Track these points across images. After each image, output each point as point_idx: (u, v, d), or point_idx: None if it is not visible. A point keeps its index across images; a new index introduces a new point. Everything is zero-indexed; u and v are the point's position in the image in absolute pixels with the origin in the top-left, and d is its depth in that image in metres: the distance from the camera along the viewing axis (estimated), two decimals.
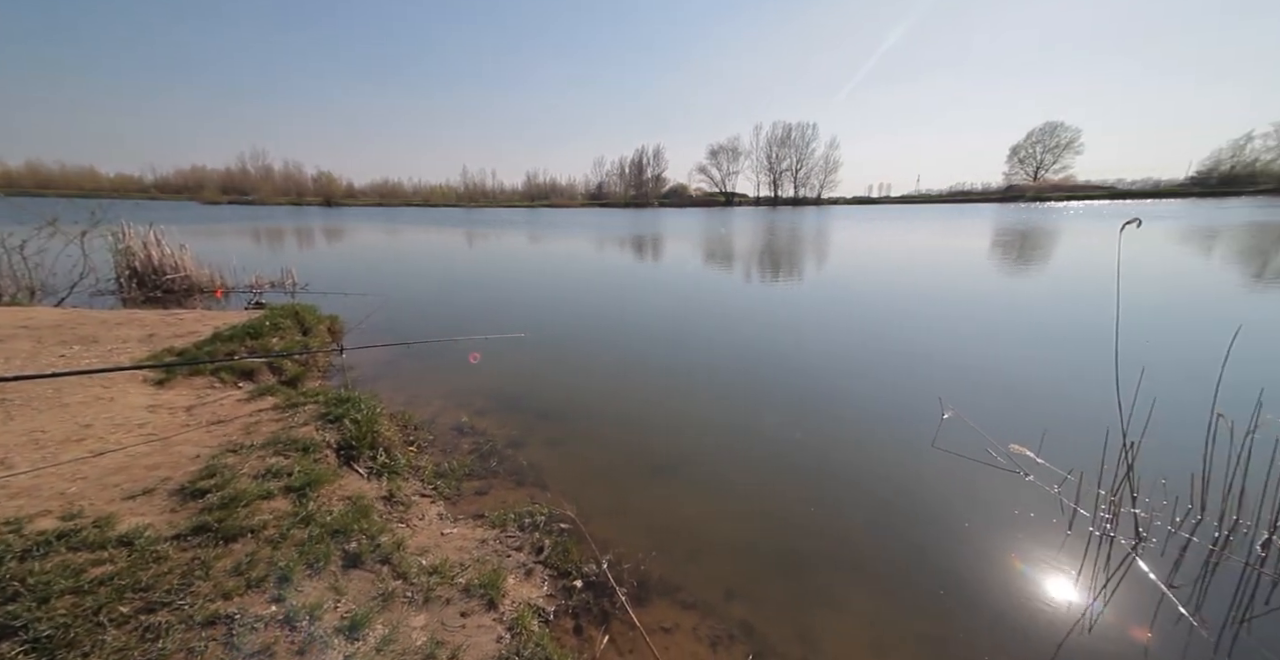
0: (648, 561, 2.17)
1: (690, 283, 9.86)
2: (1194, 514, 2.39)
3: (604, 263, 13.25)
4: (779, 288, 9.10)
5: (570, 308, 7.48)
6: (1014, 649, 1.76)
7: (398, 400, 3.88)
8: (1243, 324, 2.89)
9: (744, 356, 5.04)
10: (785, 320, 6.63)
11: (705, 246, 17.35)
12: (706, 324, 6.46)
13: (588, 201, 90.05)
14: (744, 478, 2.89)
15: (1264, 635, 1.78)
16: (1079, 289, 8.27)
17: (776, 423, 3.57)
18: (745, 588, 2.06)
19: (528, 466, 2.95)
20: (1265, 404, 2.37)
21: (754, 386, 4.25)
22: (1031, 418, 3.48)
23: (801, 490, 2.75)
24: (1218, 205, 41.94)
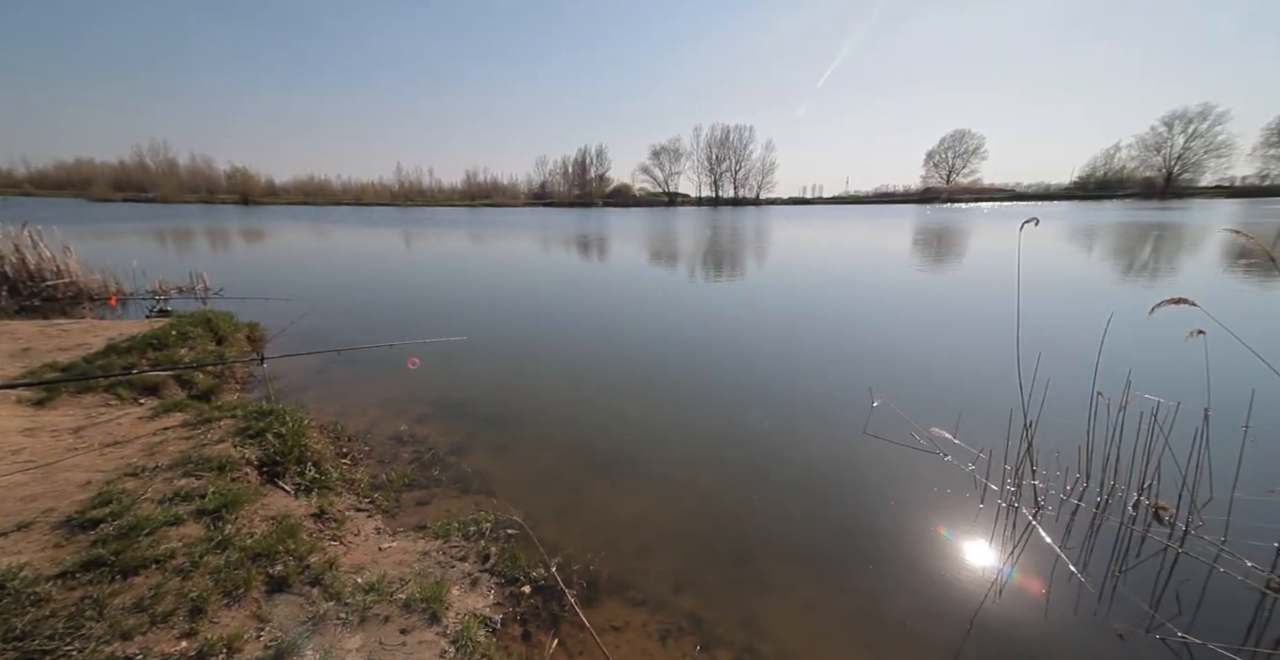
0: (597, 561, 2.17)
1: (633, 282, 9.90)
2: (1081, 482, 2.66)
3: (548, 263, 13.06)
4: (720, 286, 9.33)
5: (514, 309, 7.32)
6: (936, 617, 1.90)
7: (329, 411, 3.65)
8: (1114, 312, 3.26)
9: (687, 354, 5.13)
10: (726, 317, 6.81)
11: (650, 246, 17.48)
12: (650, 323, 6.51)
13: (531, 201, 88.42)
14: (690, 472, 2.94)
15: (1135, 583, 2.02)
16: (986, 282, 9.03)
17: (720, 417, 3.66)
18: (693, 580, 2.09)
19: (472, 473, 2.86)
20: (1133, 382, 2.69)
21: (697, 382, 4.34)
22: (950, 402, 3.75)
23: (745, 480, 2.84)
24: (1095, 207, 47.14)
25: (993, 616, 1.88)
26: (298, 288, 8.70)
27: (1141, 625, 1.81)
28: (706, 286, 9.30)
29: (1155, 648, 1.72)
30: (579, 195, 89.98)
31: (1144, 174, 69.70)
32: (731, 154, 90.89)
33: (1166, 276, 9.29)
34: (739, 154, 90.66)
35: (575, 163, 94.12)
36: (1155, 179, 68.20)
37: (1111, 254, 12.78)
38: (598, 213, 52.77)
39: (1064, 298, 7.37)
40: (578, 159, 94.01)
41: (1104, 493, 2.57)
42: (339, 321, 6.42)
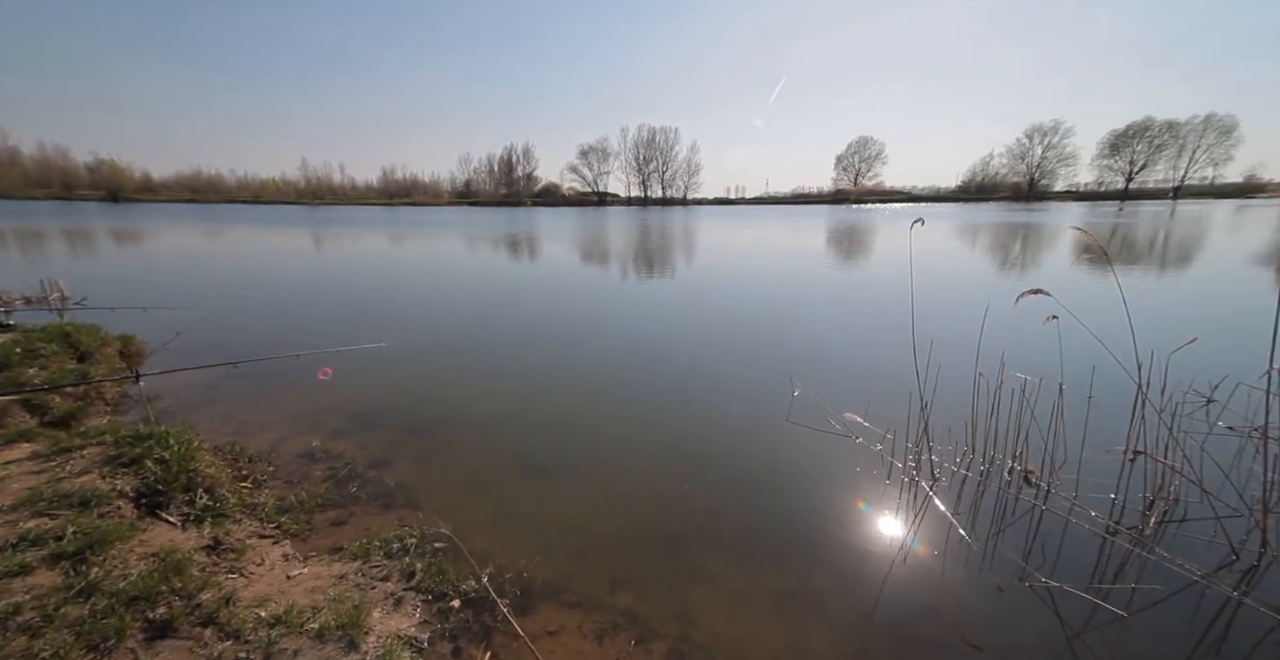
0: (531, 568, 2.12)
1: (563, 282, 9.79)
2: (968, 454, 2.97)
3: (475, 264, 12.59)
4: (649, 284, 9.44)
5: (439, 313, 6.98)
6: (850, 588, 2.04)
7: (225, 430, 3.29)
8: (990, 302, 3.67)
9: (617, 353, 5.15)
10: (655, 315, 6.90)
11: (579, 245, 17.35)
12: (579, 323, 6.47)
13: (455, 200, 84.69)
14: (623, 469, 2.95)
15: (1011, 540, 2.28)
16: (887, 276, 9.83)
17: (651, 413, 3.70)
18: (628, 576, 2.10)
19: (395, 487, 2.69)
20: (1006, 363, 3.04)
21: (628, 381, 4.37)
22: (860, 388, 4.04)
23: (677, 474, 2.89)
24: (975, 208, 52.80)
25: (898, 582, 2.05)
26: (184, 295, 7.77)
27: (1016, 576, 2.05)
28: (636, 285, 9.38)
29: (1026, 595, 1.96)
30: (506, 194, 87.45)
31: (1012, 179, 79.12)
32: (658, 155, 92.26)
33: (1031, 269, 10.60)
34: (665, 155, 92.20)
35: (502, 161, 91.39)
36: (1021, 184, 77.71)
37: (989, 250, 14.38)
38: (526, 212, 51.61)
39: (951, 290, 8.19)
40: (504, 157, 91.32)
41: (986, 462, 2.88)
42: (235, 332, 5.80)
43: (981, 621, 1.84)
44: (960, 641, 1.76)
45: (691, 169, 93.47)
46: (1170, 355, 2.63)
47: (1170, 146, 68.35)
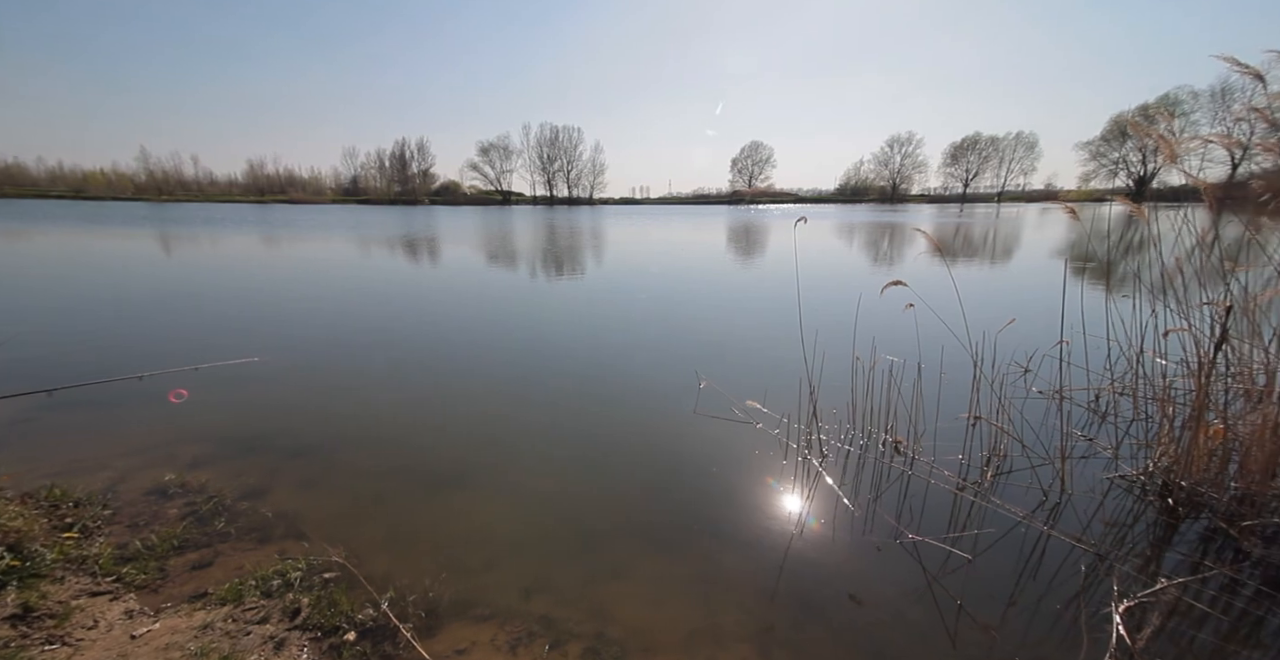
0: (438, 585, 1.99)
1: (463, 284, 9.32)
2: (851, 431, 3.28)
3: (365, 267, 11.55)
4: (556, 284, 9.30)
5: (324, 320, 6.31)
6: (755, 565, 2.16)
7: (41, 472, 2.72)
8: (862, 292, 4.09)
9: (523, 354, 5.01)
10: (563, 315, 6.81)
11: (481, 245, 16.61)
12: (481, 326, 6.20)
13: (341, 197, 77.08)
14: (534, 472, 2.88)
15: (887, 504, 2.56)
16: (779, 270, 10.58)
17: (560, 414, 3.65)
18: (543, 581, 2.05)
19: (275, 517, 2.39)
20: (877, 347, 3.41)
21: (535, 383, 4.26)
22: (759, 377, 4.29)
23: (589, 473, 2.88)
24: (851, 209, 58.59)
25: (797, 554, 2.21)
26: None
27: (891, 536, 2.30)
28: (543, 285, 9.19)
29: (898, 551, 2.21)
30: (401, 192, 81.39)
31: (879, 184, 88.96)
32: (562, 154, 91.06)
33: (895, 263, 11.98)
34: (569, 154, 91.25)
35: (394, 157, 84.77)
36: (886, 187, 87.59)
37: (862, 247, 16.03)
38: (424, 211, 48.38)
39: (832, 283, 9.01)
40: (396, 152, 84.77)
41: (865, 437, 3.19)
42: (51, 353, 4.81)
43: (863, 579, 2.05)
44: (846, 599, 1.94)
45: (596, 169, 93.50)
46: (996, 334, 3.11)
47: (994, 157, 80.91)
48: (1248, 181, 3.09)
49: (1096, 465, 2.74)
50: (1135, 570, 1.98)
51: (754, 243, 18.05)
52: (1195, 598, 1.85)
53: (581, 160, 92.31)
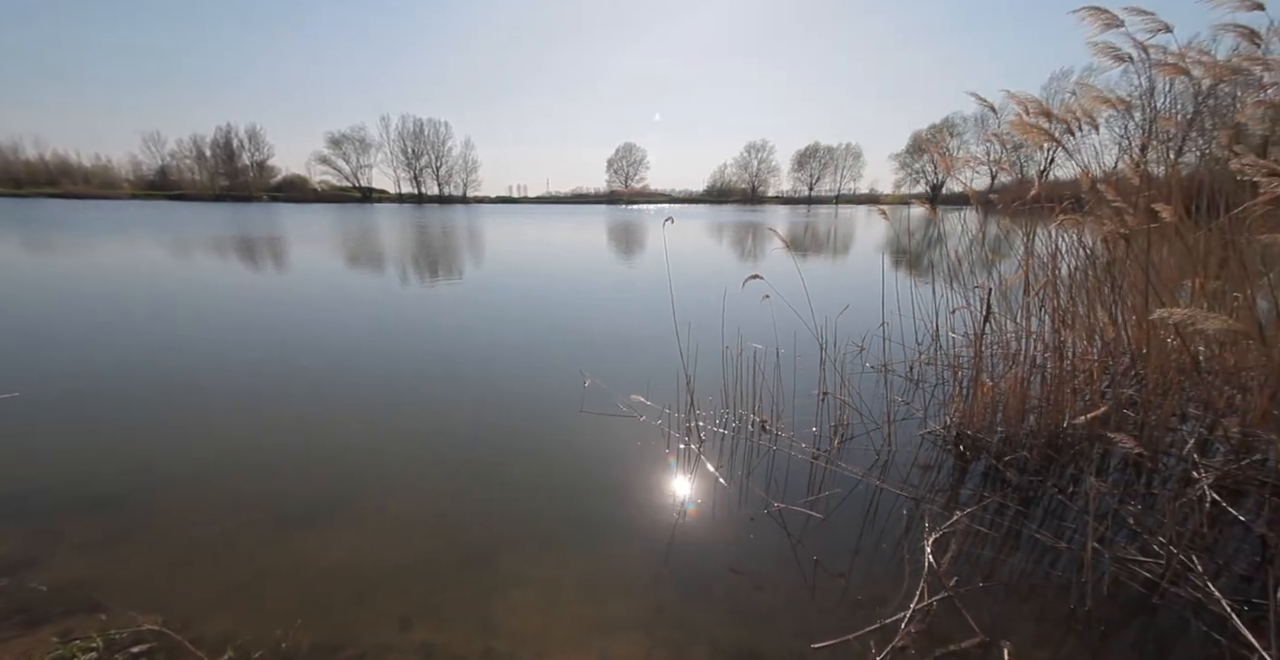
0: (294, 632, 1.74)
1: (317, 291, 8.25)
2: (724, 415, 3.52)
3: (180, 275, 9.64)
4: (426, 288, 8.64)
5: (123, 342, 5.15)
6: (642, 556, 2.22)
7: None
8: (727, 286, 4.41)
9: (393, 367, 4.58)
10: (439, 321, 6.36)
11: (339, 247, 14.80)
12: (345, 338, 5.55)
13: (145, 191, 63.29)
14: (410, 491, 2.64)
15: (757, 479, 2.80)
16: (654, 267, 10.99)
17: (439, 427, 3.40)
18: (423, 607, 1.90)
19: (52, 592, 1.89)
20: (743, 336, 3.70)
21: (407, 396, 3.93)
22: (641, 371, 4.40)
23: (472, 483, 2.72)
24: (718, 209, 62.96)
25: (681, 536, 2.32)
26: None
27: (762, 508, 2.52)
28: (414, 290, 8.48)
29: (767, 519, 2.42)
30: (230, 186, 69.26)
31: (741, 186, 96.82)
32: (430, 149, 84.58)
33: (757, 259, 13.14)
34: (438, 150, 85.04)
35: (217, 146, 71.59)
36: (746, 189, 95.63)
37: (728, 244, 17.31)
38: (263, 209, 41.71)
39: (702, 278, 9.59)
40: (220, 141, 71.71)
41: (737, 419, 3.45)
42: None
43: (740, 550, 2.22)
44: (726, 571, 2.09)
45: (469, 166, 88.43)
46: (835, 319, 3.55)
47: (831, 165, 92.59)
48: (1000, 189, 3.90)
49: (913, 425, 3.27)
50: (940, 508, 2.41)
51: (632, 241, 18.51)
52: (979, 522, 2.31)
53: (452, 157, 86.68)
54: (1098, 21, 2.61)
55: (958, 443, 2.94)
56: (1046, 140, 2.85)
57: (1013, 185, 3.74)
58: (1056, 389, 2.70)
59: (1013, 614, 1.82)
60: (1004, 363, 3.02)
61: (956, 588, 1.88)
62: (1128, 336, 2.90)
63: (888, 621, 1.73)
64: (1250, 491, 2.22)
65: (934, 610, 1.78)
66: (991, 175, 3.93)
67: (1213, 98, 3.60)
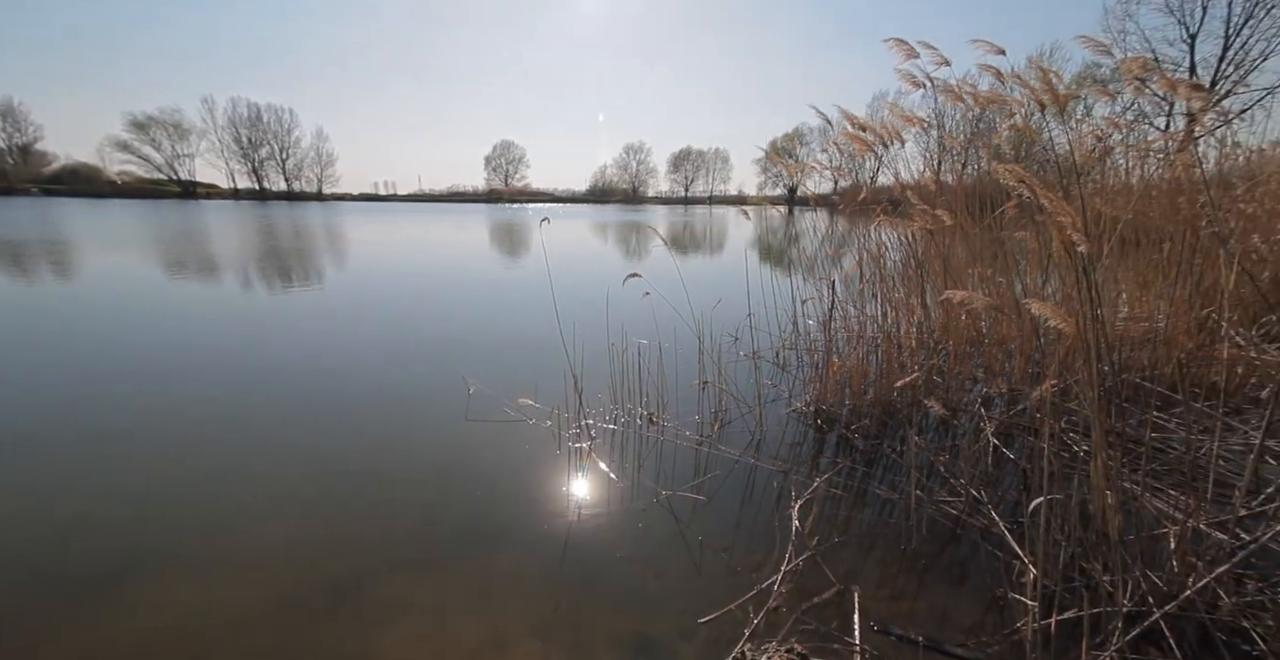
0: None
1: (130, 302, 6.75)
2: (613, 411, 3.56)
3: None
4: (280, 297, 7.52)
5: None
6: (537, 561, 2.16)
7: None
8: (609, 285, 4.46)
9: (239, 389, 3.92)
10: (295, 334, 5.57)
11: (158, 251, 12.22)
12: (172, 358, 4.61)
13: None
14: (270, 527, 2.28)
15: (647, 470, 2.88)
16: (540, 268, 10.76)
17: (304, 450, 2.98)
18: (287, 651, 1.65)
19: None
20: (628, 332, 3.78)
21: (257, 419, 3.39)
22: (529, 374, 4.27)
23: (349, 509, 2.43)
24: (602, 208, 63.60)
25: (576, 536, 2.30)
26: None
27: (653, 498, 2.59)
28: (262, 300, 7.31)
29: (658, 509, 2.51)
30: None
31: (622, 186, 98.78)
32: (273, 139, 73.31)
33: (638, 257, 13.51)
34: (282, 140, 74.03)
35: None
36: (628, 190, 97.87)
37: (611, 243, 17.57)
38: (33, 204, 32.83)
39: (585, 277, 9.62)
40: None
41: (626, 414, 3.51)
42: None
43: (633, 542, 2.26)
44: (621, 561, 2.12)
45: (324, 159, 78.36)
46: (711, 312, 3.78)
47: (703, 167, 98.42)
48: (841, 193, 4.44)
49: (781, 405, 3.61)
50: (804, 477, 2.69)
51: (514, 241, 17.92)
52: (835, 486, 2.63)
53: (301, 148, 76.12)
54: (901, 51, 3.09)
55: (816, 417, 3.31)
56: (868, 151, 3.31)
57: (849, 189, 4.28)
58: (887, 364, 3.17)
59: (862, 561, 2.10)
60: (848, 344, 3.47)
61: (818, 546, 2.12)
62: (934, 316, 3.49)
63: (763, 586, 1.89)
64: (1017, 435, 2.82)
65: (800, 569, 1.98)
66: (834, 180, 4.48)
67: (982, 122, 4.47)
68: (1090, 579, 1.61)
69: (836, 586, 1.89)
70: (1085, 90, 3.62)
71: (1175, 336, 2.79)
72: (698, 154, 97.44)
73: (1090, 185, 3.99)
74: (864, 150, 3.29)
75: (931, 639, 1.63)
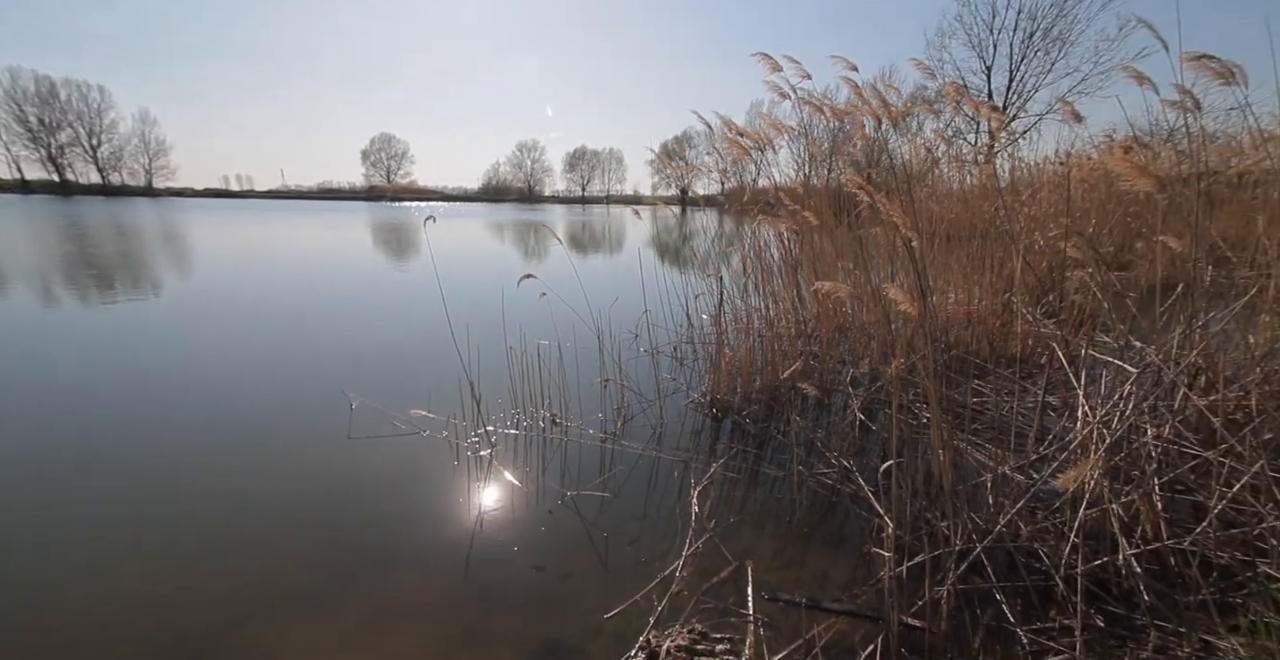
0: None
1: None
2: (515, 415, 3.45)
3: None
4: (104, 313, 6.19)
5: None
6: (439, 578, 2.03)
7: None
8: (504, 286, 4.30)
9: (59, 420, 3.16)
10: (137, 352, 4.62)
11: None
12: None
13: None
14: (110, 588, 1.86)
15: (552, 473, 2.83)
16: (429, 270, 10.07)
17: (154, 489, 2.48)
18: None
19: None
20: (526, 334, 3.67)
21: (86, 457, 2.76)
22: (420, 384, 3.98)
23: (211, 556, 2.08)
24: (497, 207, 61.21)
25: (480, 551, 2.18)
26: None
27: (558, 500, 2.55)
28: (76, 317, 5.96)
29: (564, 510, 2.48)
30: None
31: (517, 185, 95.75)
32: (78, 121, 60.03)
33: (534, 257, 13.22)
34: (91, 123, 60.98)
35: None
36: (523, 188, 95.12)
37: (505, 243, 16.98)
38: None
39: (479, 278, 9.21)
40: None
41: (528, 418, 3.42)
42: None
43: (541, 547, 2.21)
44: (531, 569, 2.06)
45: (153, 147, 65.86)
46: (609, 310, 3.81)
47: (599, 167, 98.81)
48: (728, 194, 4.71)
49: (680, 398, 3.75)
50: (702, 464, 2.82)
51: (399, 242, 16.57)
52: (730, 470, 2.80)
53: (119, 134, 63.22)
54: (767, 64, 3.34)
55: (712, 407, 3.49)
56: (745, 155, 3.55)
57: (735, 191, 4.55)
58: (772, 352, 3.44)
59: (755, 537, 2.26)
60: (738, 336, 3.70)
61: (715, 528, 2.24)
62: (809, 307, 3.86)
63: (666, 573, 1.96)
64: (878, 408, 3.22)
65: (700, 551, 2.08)
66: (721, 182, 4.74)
67: (841, 132, 5.02)
68: (932, 527, 1.89)
69: (733, 564, 2.01)
70: (916, 108, 4.23)
71: (986, 317, 3.38)
72: (592, 154, 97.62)
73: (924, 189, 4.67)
74: (742, 155, 3.52)
75: (812, 599, 1.80)
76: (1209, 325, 2.14)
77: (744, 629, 1.67)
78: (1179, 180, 2.97)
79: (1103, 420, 1.82)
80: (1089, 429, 1.80)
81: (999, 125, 3.92)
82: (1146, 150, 6.40)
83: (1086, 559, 1.64)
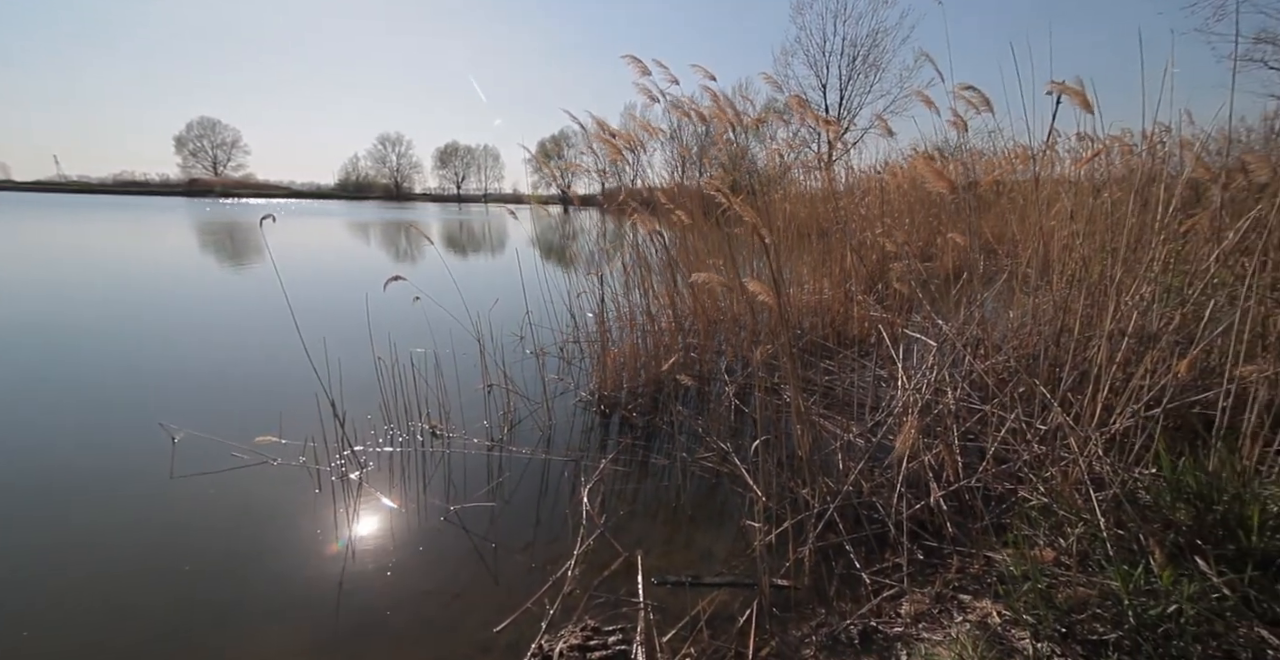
0: None
1: None
2: (391, 431, 3.14)
3: None
4: None
5: None
6: (308, 614, 1.79)
7: None
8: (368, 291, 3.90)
9: None
10: None
11: None
12: None
13: None
14: None
15: (435, 488, 2.64)
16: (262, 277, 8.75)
17: None
18: None
19: None
20: (397, 342, 3.36)
21: None
22: (267, 407, 3.45)
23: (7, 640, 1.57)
24: (360, 206, 55.14)
25: (354, 585, 1.95)
26: None
27: (440, 516, 2.38)
28: None
29: (448, 527, 2.32)
30: None
31: (382, 181, 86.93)
32: None
33: (402, 259, 12.20)
34: None
35: None
36: (390, 185, 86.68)
37: (366, 244, 15.40)
38: None
39: (336, 283, 8.26)
40: None
41: (405, 433, 3.14)
42: None
43: (425, 567, 2.06)
44: (412, 594, 1.90)
45: None
46: (489, 312, 3.65)
47: (474, 164, 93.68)
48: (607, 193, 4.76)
49: (569, 398, 3.73)
50: (593, 461, 2.84)
51: (236, 245, 14.15)
52: (620, 464, 2.85)
53: None
54: (637, 67, 3.45)
55: (599, 403, 3.53)
56: (619, 156, 3.62)
57: (614, 191, 4.62)
58: (654, 346, 3.57)
59: (646, 528, 2.33)
60: (621, 332, 3.78)
61: (606, 523, 2.27)
62: (685, 302, 4.08)
63: (557, 575, 1.94)
64: (749, 393, 3.53)
65: (592, 549, 2.10)
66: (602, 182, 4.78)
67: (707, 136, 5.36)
68: (795, 494, 2.13)
69: (623, 556, 2.06)
70: (769, 117, 4.69)
71: (831, 304, 3.89)
72: (466, 150, 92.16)
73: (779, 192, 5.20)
74: (615, 155, 3.59)
75: (696, 577, 1.92)
76: (985, 304, 2.70)
77: (635, 617, 1.73)
78: (963, 187, 3.68)
79: (915, 387, 2.19)
80: (906, 395, 2.16)
81: (835, 136, 4.50)
82: (942, 161, 7.86)
83: (910, 505, 1.97)
